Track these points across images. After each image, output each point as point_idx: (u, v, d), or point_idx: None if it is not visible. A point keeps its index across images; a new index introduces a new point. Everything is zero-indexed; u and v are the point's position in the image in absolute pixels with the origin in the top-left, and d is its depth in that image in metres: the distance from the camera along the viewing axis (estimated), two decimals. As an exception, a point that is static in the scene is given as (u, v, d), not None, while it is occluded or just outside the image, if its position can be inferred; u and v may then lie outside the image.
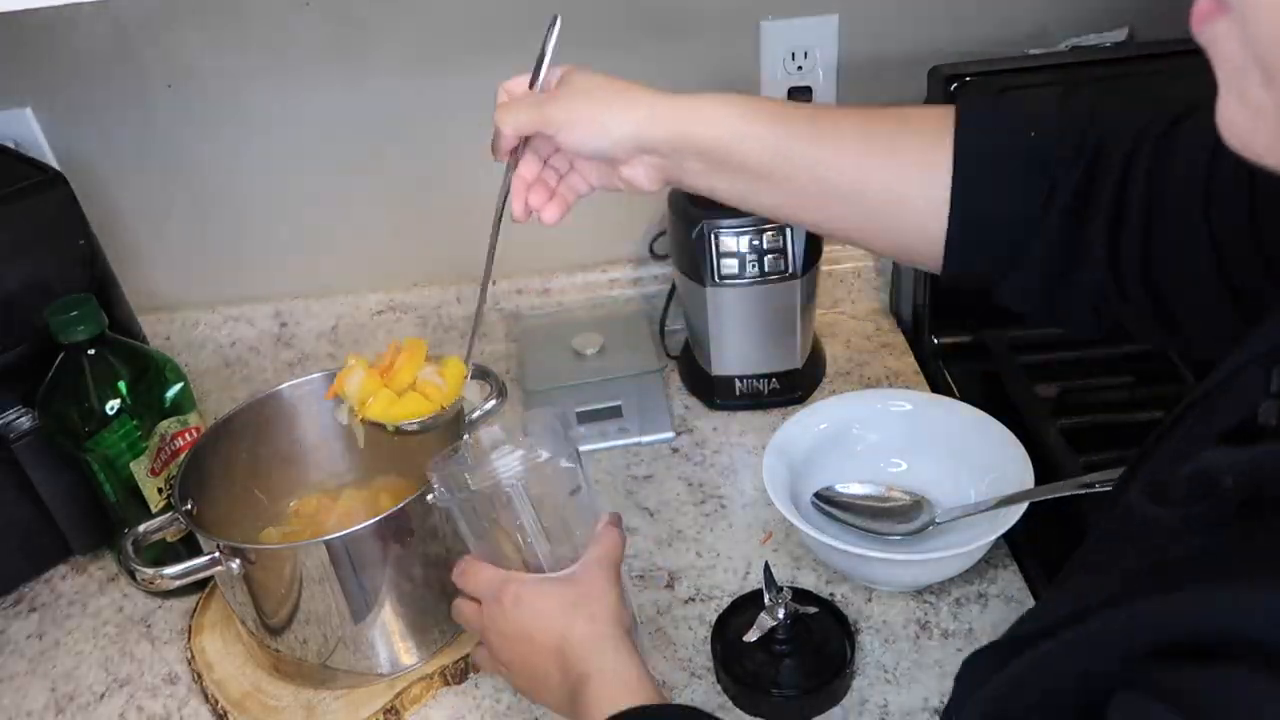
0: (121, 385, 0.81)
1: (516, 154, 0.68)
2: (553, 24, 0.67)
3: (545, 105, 0.64)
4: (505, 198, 0.69)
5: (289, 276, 1.18)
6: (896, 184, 0.61)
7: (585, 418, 1.03)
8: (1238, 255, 0.53)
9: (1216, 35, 0.30)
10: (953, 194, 0.59)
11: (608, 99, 0.63)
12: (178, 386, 0.85)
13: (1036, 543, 0.84)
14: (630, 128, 0.62)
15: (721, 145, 0.62)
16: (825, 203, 0.63)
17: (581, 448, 1.00)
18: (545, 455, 0.66)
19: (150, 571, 0.72)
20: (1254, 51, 0.28)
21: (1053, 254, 0.59)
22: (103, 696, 0.83)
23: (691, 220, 0.96)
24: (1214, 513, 0.35)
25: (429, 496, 0.72)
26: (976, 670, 0.45)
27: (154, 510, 0.85)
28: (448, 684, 0.80)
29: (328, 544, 0.72)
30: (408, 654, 0.79)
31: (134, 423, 0.82)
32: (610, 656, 0.62)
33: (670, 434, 1.02)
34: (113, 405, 0.81)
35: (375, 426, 0.73)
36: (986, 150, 0.60)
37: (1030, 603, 0.82)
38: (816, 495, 0.87)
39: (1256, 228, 0.52)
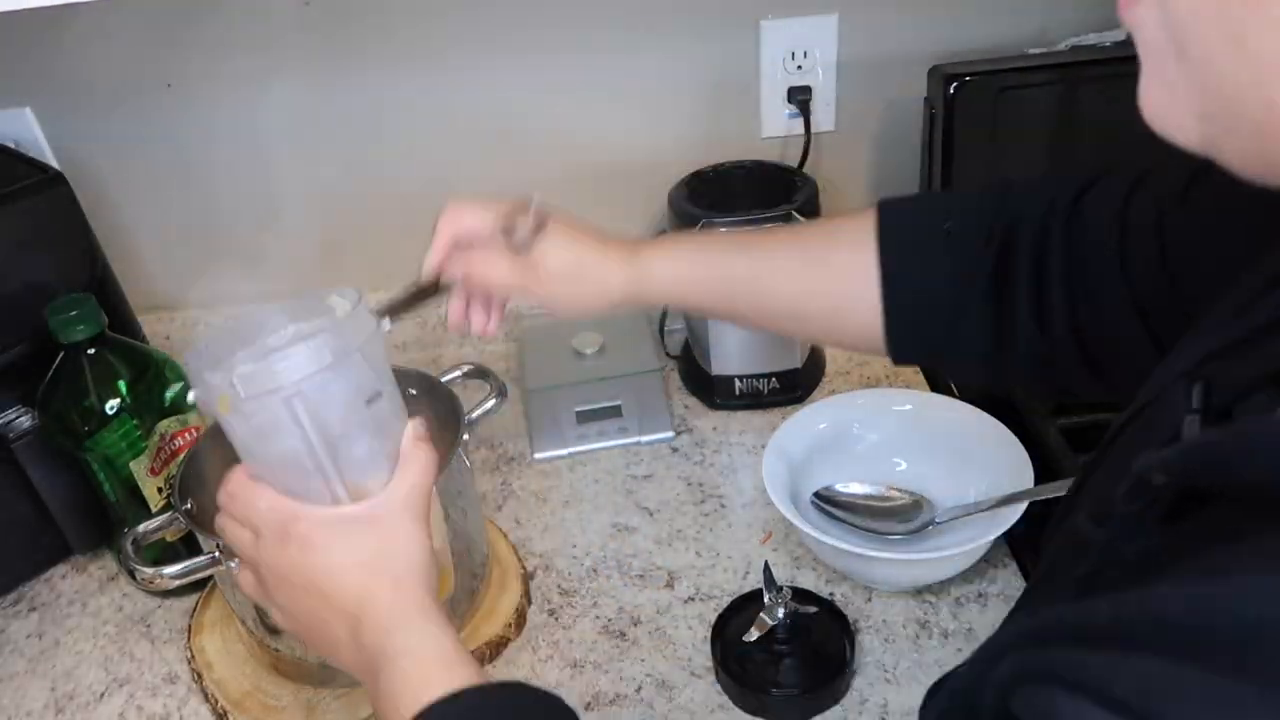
0: (121, 385, 0.81)
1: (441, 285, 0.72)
2: (530, 204, 0.72)
3: (531, 287, 0.71)
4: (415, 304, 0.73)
5: (288, 276, 1.18)
6: (831, 295, 0.68)
7: (585, 417, 1.03)
8: (1158, 306, 0.56)
9: (1140, 18, 0.31)
10: (882, 294, 0.65)
11: (582, 277, 0.71)
12: (177, 386, 0.85)
13: (1036, 543, 0.84)
14: (603, 301, 0.72)
15: (676, 299, 0.73)
16: (773, 319, 0.72)
17: (581, 447, 1.01)
18: (329, 355, 0.52)
19: (150, 571, 0.72)
20: (1170, 30, 0.29)
21: (984, 333, 0.63)
22: (102, 696, 0.83)
23: (691, 219, 0.97)
24: (1149, 514, 0.35)
25: (189, 395, 0.56)
26: (937, 699, 0.46)
27: (154, 510, 0.85)
28: (447, 683, 0.80)
29: (327, 543, 0.72)
30: (407, 653, 0.79)
31: (134, 422, 0.82)
32: (418, 633, 0.53)
33: (670, 434, 1.02)
34: (112, 405, 0.81)
35: None
36: (906, 247, 0.65)
37: (1030, 602, 0.82)
38: (816, 495, 0.87)
39: (1170, 276, 0.55)
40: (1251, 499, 0.30)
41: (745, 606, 0.80)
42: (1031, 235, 0.60)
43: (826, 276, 0.67)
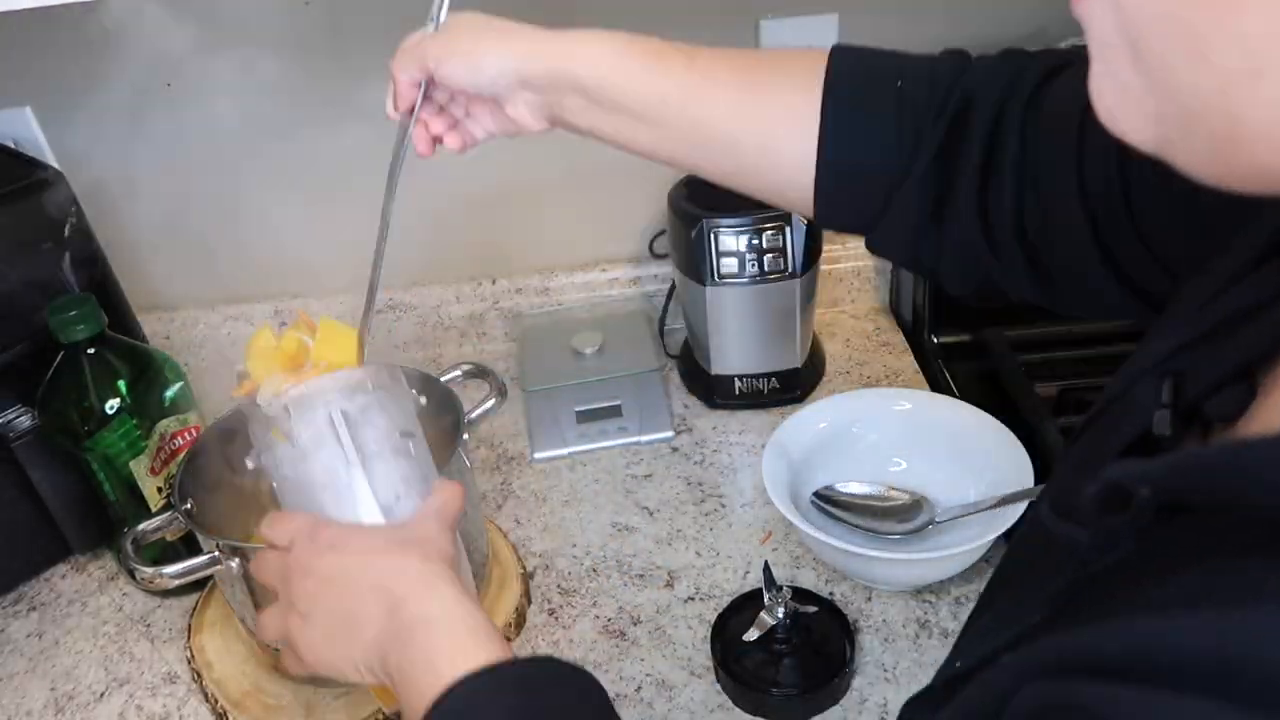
0: (121, 384, 0.81)
1: (414, 108, 0.67)
2: None
3: (425, 42, 0.64)
4: (403, 153, 0.68)
5: (288, 275, 1.18)
6: (768, 134, 0.60)
7: (585, 417, 1.03)
8: (1110, 214, 0.52)
9: (1092, 11, 0.30)
10: (819, 145, 0.59)
11: (487, 35, 0.63)
12: (177, 386, 0.85)
13: (1036, 542, 0.84)
14: (506, 62, 0.62)
15: (597, 83, 0.62)
16: (700, 147, 0.63)
17: (581, 447, 1.01)
18: (371, 386, 0.59)
19: (150, 570, 0.72)
20: (1125, 32, 0.28)
21: (921, 207, 0.58)
22: (102, 696, 0.83)
23: (691, 219, 0.97)
24: (1129, 526, 0.34)
25: (247, 461, 0.65)
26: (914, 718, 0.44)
27: (153, 509, 0.85)
28: (447, 683, 0.80)
29: (327, 543, 0.72)
30: (407, 653, 0.79)
31: (134, 422, 0.82)
32: (451, 599, 0.53)
33: (670, 433, 1.02)
34: (112, 404, 0.81)
35: None
36: (854, 100, 0.59)
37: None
38: (816, 494, 0.87)
39: (1127, 186, 0.51)
40: (1250, 516, 0.29)
41: (745, 606, 0.80)
42: (987, 115, 0.55)
43: (765, 108, 0.60)
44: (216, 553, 0.73)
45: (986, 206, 0.56)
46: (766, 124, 0.60)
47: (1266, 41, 0.25)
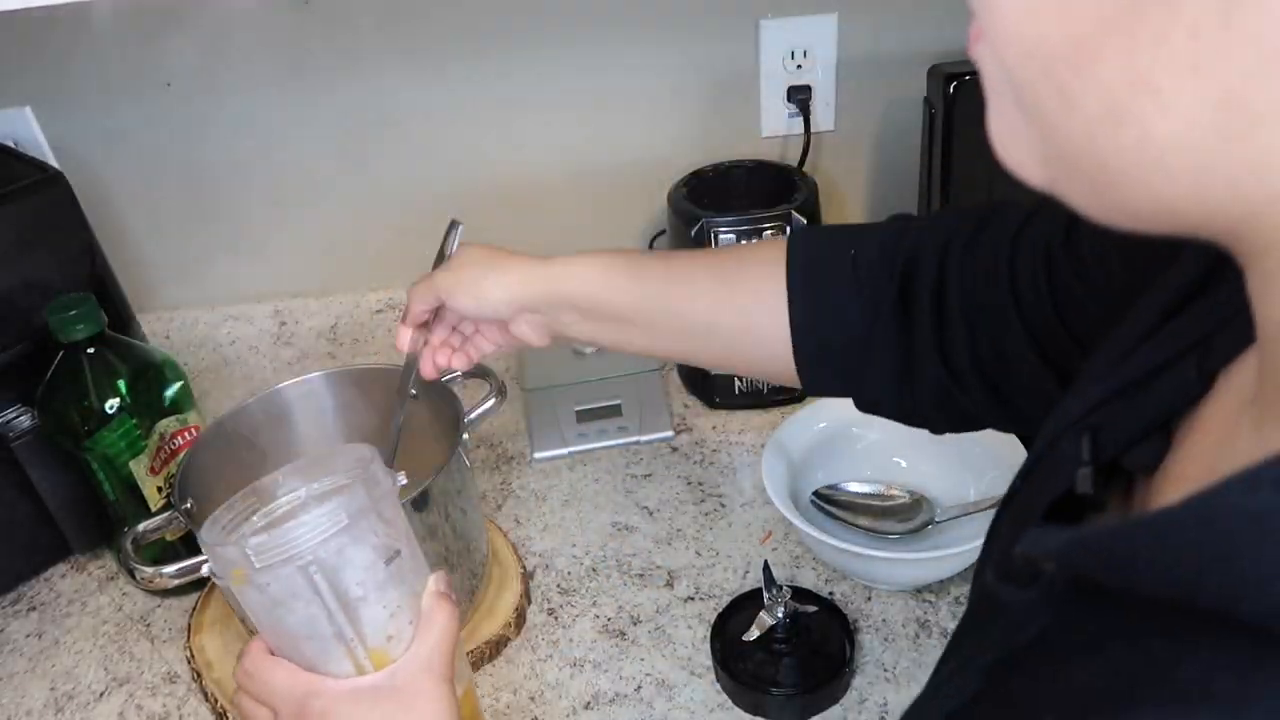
0: (121, 384, 0.81)
1: (426, 328, 0.77)
2: (452, 228, 0.76)
3: (436, 276, 0.72)
4: (413, 371, 0.77)
5: (288, 275, 1.18)
6: (743, 317, 0.66)
7: (585, 416, 1.03)
8: (1052, 338, 0.56)
9: (980, 56, 0.31)
10: (790, 321, 0.64)
11: (488, 268, 0.71)
12: (177, 385, 0.85)
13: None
14: (506, 291, 0.70)
15: (587, 299, 0.69)
16: (686, 339, 0.69)
17: (581, 447, 1.01)
18: (346, 518, 0.50)
19: (150, 570, 0.72)
20: (1007, 78, 0.29)
21: (890, 361, 0.63)
22: (102, 695, 0.83)
23: (691, 219, 0.97)
24: (1043, 597, 0.35)
25: (204, 568, 0.56)
26: None
27: (153, 509, 0.85)
28: (447, 683, 0.80)
29: (327, 543, 0.72)
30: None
31: (133, 421, 0.82)
32: None
33: (670, 433, 1.02)
34: (112, 404, 0.81)
35: None
36: (812, 275, 0.64)
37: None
38: (816, 494, 0.87)
39: (1060, 311, 0.56)
40: (1147, 600, 0.29)
41: (745, 606, 0.80)
42: (930, 269, 0.61)
43: (738, 297, 0.66)
44: (216, 552, 0.73)
45: (945, 350, 0.61)
46: (741, 309, 0.66)
47: (1123, 84, 0.25)
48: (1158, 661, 0.28)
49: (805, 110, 1.08)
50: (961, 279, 0.60)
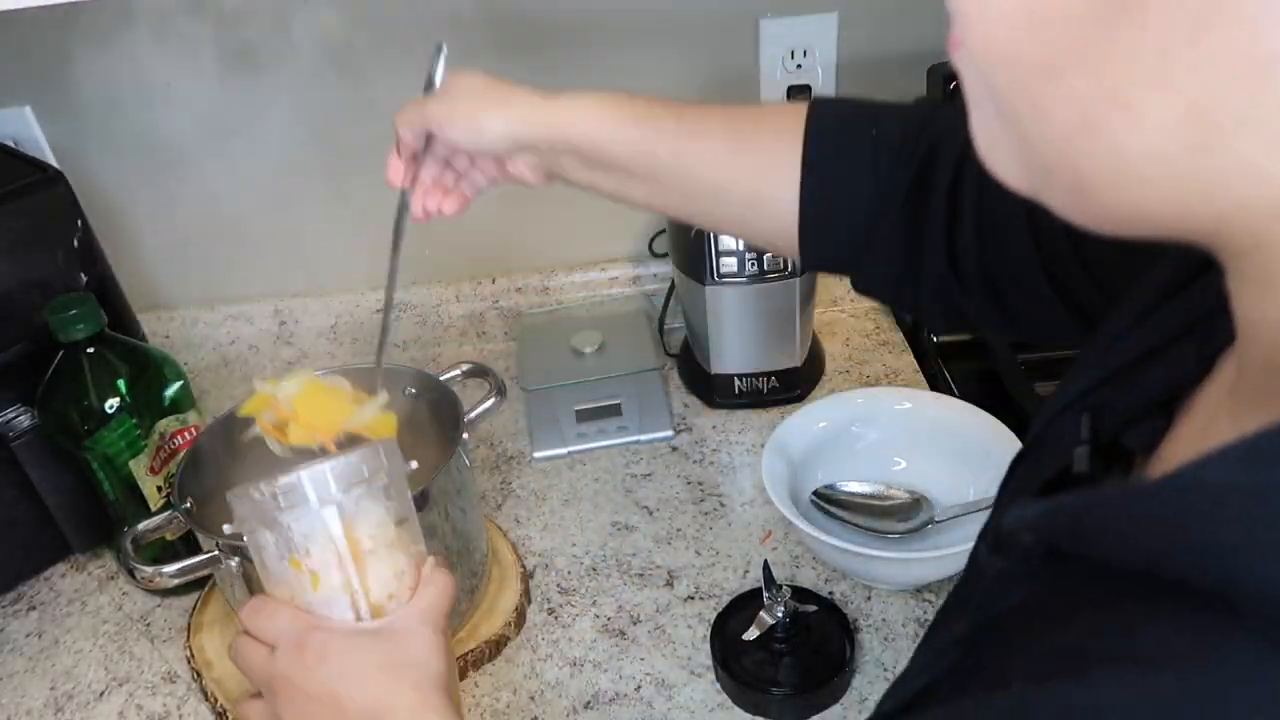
0: (121, 384, 0.81)
1: (416, 162, 0.71)
2: (437, 52, 0.70)
3: (428, 103, 0.67)
4: (407, 212, 0.72)
5: (288, 275, 1.18)
6: (754, 181, 0.63)
7: (584, 416, 1.03)
8: (1061, 261, 0.55)
9: (961, 63, 0.31)
10: (801, 191, 0.61)
11: (486, 98, 0.65)
12: (177, 385, 0.85)
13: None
14: (504, 125, 0.65)
15: (591, 144, 0.65)
16: (691, 198, 0.66)
17: (581, 446, 1.01)
18: (366, 472, 0.55)
19: (149, 570, 0.72)
20: (986, 86, 0.30)
21: (896, 248, 0.61)
22: (102, 695, 0.83)
23: (691, 219, 0.97)
24: (1021, 569, 0.35)
25: (224, 527, 0.60)
26: None
27: (153, 509, 0.85)
28: (447, 682, 0.80)
29: (327, 542, 0.72)
30: (407, 652, 0.79)
31: (133, 421, 0.82)
32: None
33: (669, 432, 1.02)
34: (112, 404, 0.81)
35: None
36: (830, 148, 0.61)
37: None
38: (816, 494, 0.87)
39: (1072, 236, 0.53)
40: (1117, 571, 0.29)
41: (745, 605, 0.80)
42: (949, 165, 0.58)
43: (751, 155, 0.63)
44: (216, 552, 0.73)
45: (953, 249, 0.59)
46: (753, 173, 0.63)
47: (1095, 96, 0.26)
48: (1120, 629, 0.28)
49: (805, 110, 1.08)
50: (980, 181, 0.57)
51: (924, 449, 0.89)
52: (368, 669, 0.53)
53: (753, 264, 0.96)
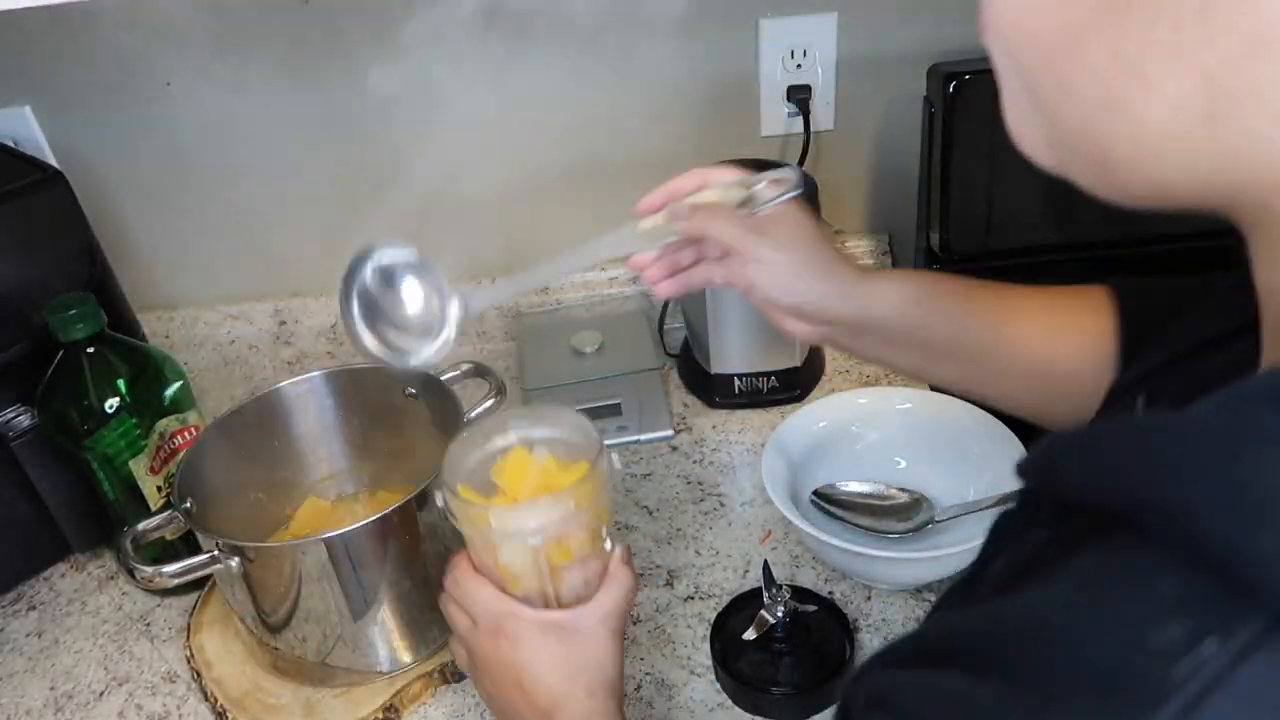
0: (121, 383, 0.81)
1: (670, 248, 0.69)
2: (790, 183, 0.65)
3: (757, 240, 0.64)
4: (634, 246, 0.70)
5: (288, 274, 1.18)
6: (1074, 364, 0.61)
7: (584, 416, 1.03)
8: None
9: (991, 44, 0.32)
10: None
11: (811, 260, 0.64)
12: (177, 384, 0.85)
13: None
14: (821, 299, 0.64)
15: (897, 323, 0.64)
16: (1007, 376, 0.64)
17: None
18: (573, 505, 0.60)
19: (149, 570, 0.72)
20: (1013, 65, 0.31)
21: None
22: (102, 695, 0.83)
23: (691, 218, 0.96)
24: (1017, 520, 0.37)
25: (437, 498, 0.64)
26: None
27: (153, 508, 0.85)
28: (447, 682, 0.80)
29: (327, 542, 0.72)
30: (407, 652, 0.79)
31: (133, 421, 0.82)
32: None
33: (669, 432, 1.02)
34: (112, 403, 0.81)
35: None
36: (1144, 325, 0.59)
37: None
38: (816, 493, 0.87)
39: None
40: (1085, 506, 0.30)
41: (745, 605, 0.80)
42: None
43: (1071, 334, 0.61)
44: (216, 552, 0.73)
45: None
46: (1073, 356, 0.61)
47: (1114, 72, 0.27)
48: (1072, 555, 0.29)
49: (805, 110, 1.08)
50: None
51: (924, 449, 0.89)
52: (550, 665, 0.61)
53: (753, 264, 0.96)
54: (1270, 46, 0.24)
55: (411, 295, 0.69)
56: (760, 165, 1.06)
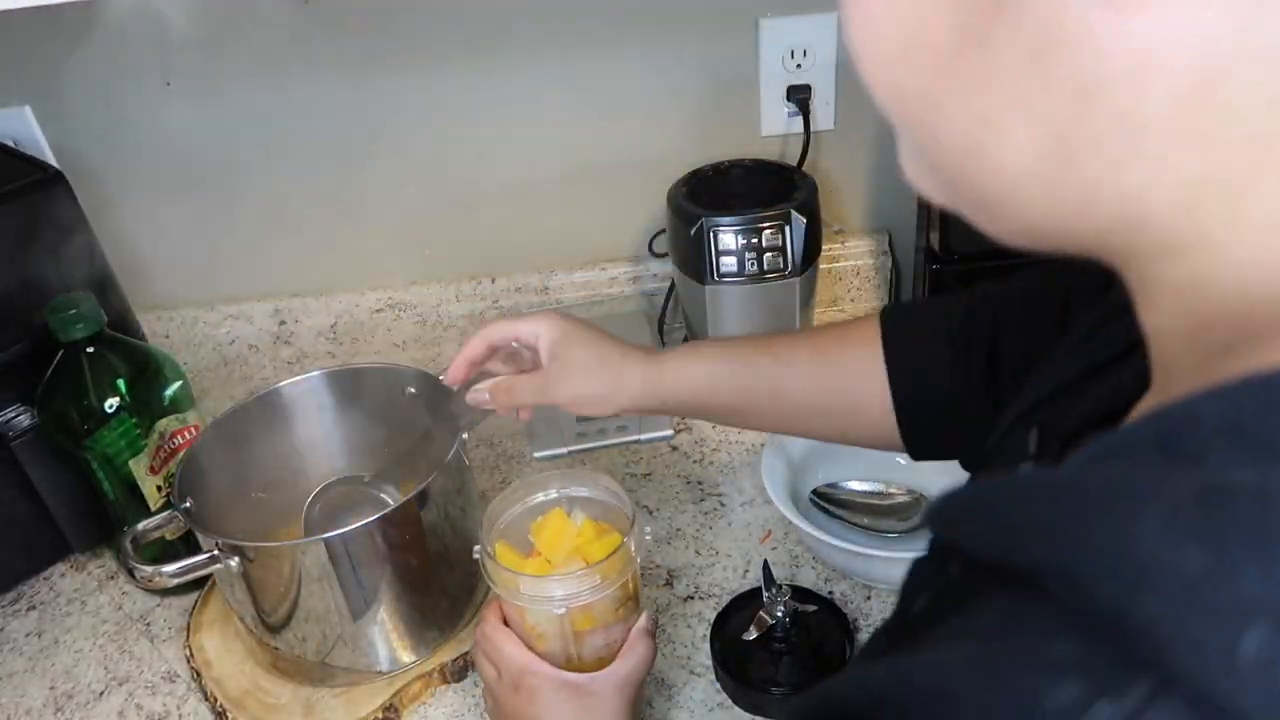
0: (120, 383, 0.81)
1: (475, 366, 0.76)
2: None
3: (551, 390, 0.72)
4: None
5: (288, 274, 1.18)
6: (850, 398, 0.69)
7: (584, 416, 1.03)
8: None
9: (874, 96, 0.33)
10: (892, 394, 0.67)
11: (600, 374, 0.71)
12: (177, 384, 0.85)
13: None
14: (625, 401, 0.71)
15: (697, 401, 0.72)
16: (799, 421, 0.73)
17: (581, 446, 1.00)
18: (599, 580, 0.64)
19: (149, 569, 0.72)
20: (890, 115, 0.32)
21: (984, 430, 0.64)
22: (102, 694, 0.83)
23: (691, 218, 0.97)
24: (937, 566, 0.37)
25: (474, 550, 0.69)
26: None
27: (153, 508, 0.85)
28: (446, 682, 0.80)
29: (327, 542, 0.72)
30: (406, 652, 0.79)
31: (133, 421, 0.82)
32: None
33: (669, 432, 1.02)
34: (112, 403, 0.81)
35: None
36: (908, 352, 0.67)
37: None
38: (815, 493, 0.87)
39: None
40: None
41: (744, 605, 0.80)
42: (1012, 333, 0.63)
43: (844, 382, 0.69)
44: (216, 551, 0.73)
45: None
46: (847, 392, 0.69)
47: (972, 127, 0.28)
48: (976, 613, 0.30)
49: (805, 109, 1.08)
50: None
51: (924, 448, 0.89)
52: None
53: (753, 264, 0.96)
54: (1095, 96, 0.24)
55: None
56: (760, 165, 1.06)
